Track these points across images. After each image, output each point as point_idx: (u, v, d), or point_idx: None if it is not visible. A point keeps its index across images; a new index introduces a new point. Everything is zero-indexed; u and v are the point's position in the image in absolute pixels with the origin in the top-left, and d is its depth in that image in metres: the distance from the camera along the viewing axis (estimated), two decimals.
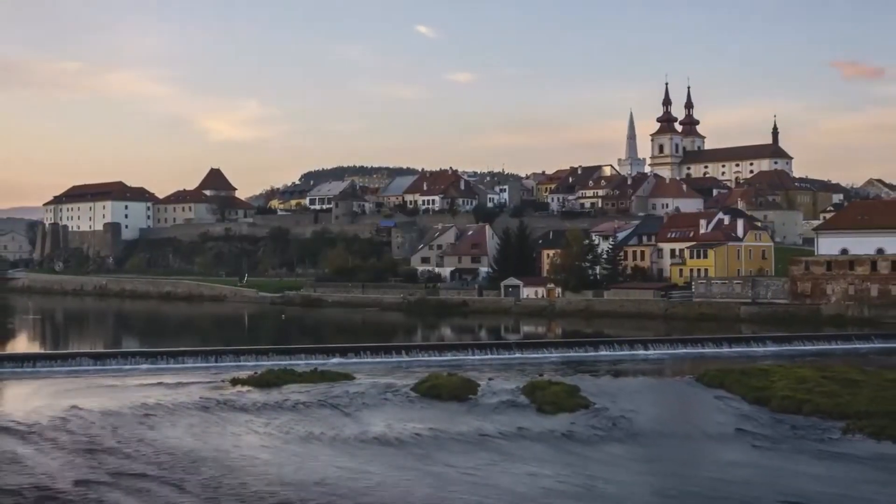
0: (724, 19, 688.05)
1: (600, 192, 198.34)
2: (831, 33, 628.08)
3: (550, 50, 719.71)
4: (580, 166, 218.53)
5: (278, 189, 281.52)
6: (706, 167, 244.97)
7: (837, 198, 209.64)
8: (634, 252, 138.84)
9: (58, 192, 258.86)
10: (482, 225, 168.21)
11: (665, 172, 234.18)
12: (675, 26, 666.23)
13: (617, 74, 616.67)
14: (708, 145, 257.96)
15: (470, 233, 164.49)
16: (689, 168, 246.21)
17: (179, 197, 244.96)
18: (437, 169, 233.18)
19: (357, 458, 39.12)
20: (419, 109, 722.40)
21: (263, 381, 58.87)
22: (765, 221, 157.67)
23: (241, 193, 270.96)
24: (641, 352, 75.93)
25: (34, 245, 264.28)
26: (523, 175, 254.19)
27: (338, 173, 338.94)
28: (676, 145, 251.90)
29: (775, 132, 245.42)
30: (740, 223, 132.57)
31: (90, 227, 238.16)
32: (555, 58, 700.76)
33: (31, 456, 39.73)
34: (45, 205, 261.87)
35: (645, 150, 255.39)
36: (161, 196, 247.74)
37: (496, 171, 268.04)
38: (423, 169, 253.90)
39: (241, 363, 68.84)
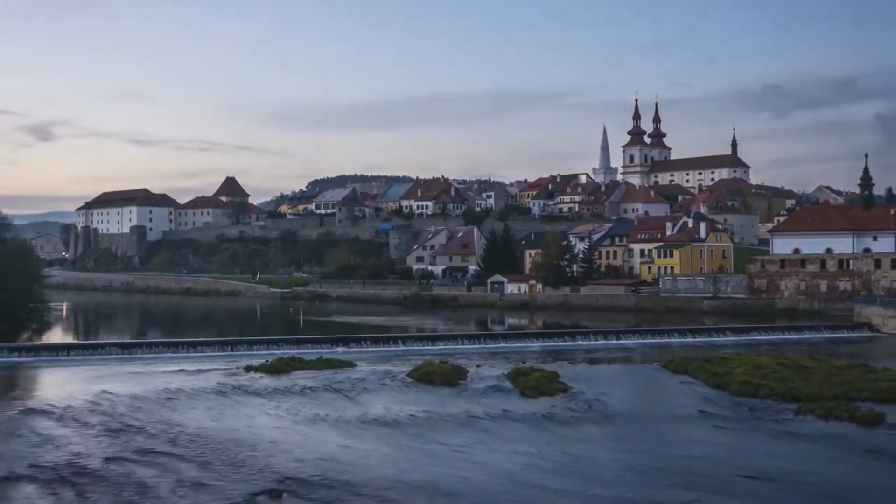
0: (695, 34, 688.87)
1: (577, 198, 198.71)
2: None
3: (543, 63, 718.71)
4: (559, 175, 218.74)
5: (287, 195, 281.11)
6: (672, 175, 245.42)
7: (790, 203, 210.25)
8: (608, 252, 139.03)
9: (89, 199, 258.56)
10: (471, 227, 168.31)
11: (635, 180, 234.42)
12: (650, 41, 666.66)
13: (592, 92, 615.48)
14: (674, 156, 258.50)
15: (460, 234, 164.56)
16: (656, 176, 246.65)
17: (198, 203, 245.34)
18: (430, 177, 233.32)
19: (358, 437, 39.13)
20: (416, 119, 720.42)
21: (274, 369, 58.82)
22: (725, 224, 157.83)
23: (254, 199, 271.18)
24: (614, 341, 75.86)
25: (67, 246, 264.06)
26: (508, 182, 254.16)
27: (340, 181, 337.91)
28: (645, 156, 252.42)
29: (734, 144, 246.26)
30: (703, 226, 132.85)
31: (118, 229, 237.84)
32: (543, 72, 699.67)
33: (65, 435, 39.70)
34: (77, 209, 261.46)
35: (617, 159, 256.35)
36: (182, 202, 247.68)
37: (483, 178, 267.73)
38: (417, 177, 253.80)
39: (254, 352, 68.68)
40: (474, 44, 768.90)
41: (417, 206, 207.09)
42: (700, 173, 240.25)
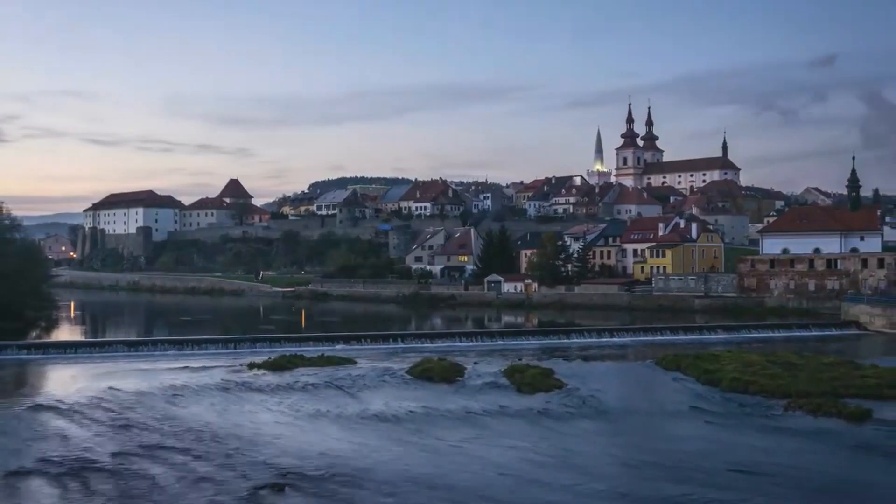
0: (683, 40, 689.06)
1: (571, 199, 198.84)
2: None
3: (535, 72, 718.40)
4: (554, 176, 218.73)
5: (289, 197, 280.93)
6: (664, 177, 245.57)
7: (779, 204, 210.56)
8: (601, 252, 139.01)
9: (96, 200, 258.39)
10: (468, 228, 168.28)
11: (628, 182, 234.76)
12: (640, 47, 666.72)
13: (587, 95, 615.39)
14: (666, 158, 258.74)
15: (457, 235, 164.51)
16: (649, 178, 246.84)
17: (203, 204, 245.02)
18: (429, 179, 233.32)
19: (358, 432, 39.12)
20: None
21: (277, 366, 58.72)
22: (716, 225, 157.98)
23: (257, 201, 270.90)
24: (608, 339, 75.89)
25: (75, 246, 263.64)
26: (504, 184, 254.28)
27: (341, 183, 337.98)
28: (638, 158, 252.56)
29: (725, 147, 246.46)
30: (694, 226, 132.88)
31: (125, 230, 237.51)
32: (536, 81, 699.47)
33: (73, 430, 39.66)
34: (84, 211, 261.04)
35: (610, 161, 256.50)
36: (186, 203, 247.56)
37: (480, 180, 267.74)
38: (416, 179, 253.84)
39: (257, 349, 68.59)
40: (417, 35, 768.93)
41: (416, 208, 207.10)
42: (692, 175, 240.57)
